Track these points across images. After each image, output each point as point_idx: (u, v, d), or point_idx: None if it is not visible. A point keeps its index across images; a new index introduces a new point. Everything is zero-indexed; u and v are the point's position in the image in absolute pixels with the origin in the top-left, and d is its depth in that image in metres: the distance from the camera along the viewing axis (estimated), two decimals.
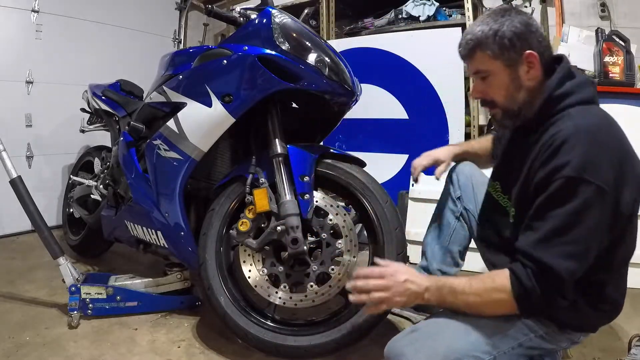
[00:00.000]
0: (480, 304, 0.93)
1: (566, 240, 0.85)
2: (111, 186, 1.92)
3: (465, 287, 0.95)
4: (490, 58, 0.97)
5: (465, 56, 1.03)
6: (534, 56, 0.95)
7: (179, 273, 1.66)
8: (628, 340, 1.24)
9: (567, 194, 0.85)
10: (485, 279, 0.94)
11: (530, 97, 0.98)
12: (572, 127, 0.88)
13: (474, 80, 1.05)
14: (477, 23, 1.00)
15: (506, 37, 0.94)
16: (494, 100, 1.01)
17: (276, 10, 1.37)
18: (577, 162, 0.84)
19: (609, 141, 0.88)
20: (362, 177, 1.35)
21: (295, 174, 1.32)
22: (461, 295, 0.94)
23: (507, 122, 1.04)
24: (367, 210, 1.32)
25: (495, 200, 1.13)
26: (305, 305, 1.30)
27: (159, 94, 1.54)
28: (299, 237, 1.24)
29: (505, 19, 0.96)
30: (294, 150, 1.35)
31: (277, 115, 1.39)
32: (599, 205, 0.85)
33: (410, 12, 2.67)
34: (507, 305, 0.91)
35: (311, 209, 1.30)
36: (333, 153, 1.41)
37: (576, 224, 0.85)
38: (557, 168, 0.86)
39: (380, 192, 1.33)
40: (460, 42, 1.03)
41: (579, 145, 0.85)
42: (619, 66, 2.19)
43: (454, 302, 0.96)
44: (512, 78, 0.97)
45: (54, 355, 1.34)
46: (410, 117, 2.53)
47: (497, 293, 0.92)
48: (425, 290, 0.98)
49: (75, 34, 2.99)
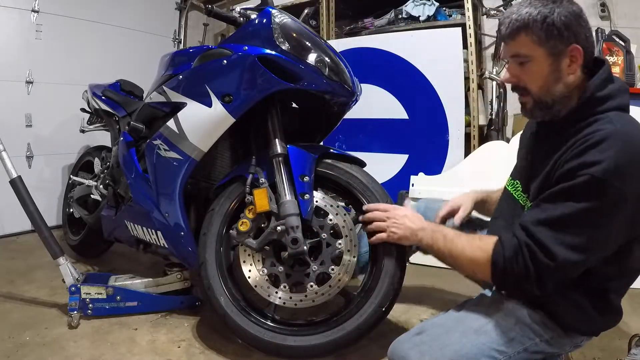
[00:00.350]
0: (461, 257, 0.99)
1: (571, 232, 0.84)
2: (111, 186, 1.92)
3: (455, 237, 1.01)
4: (535, 43, 0.91)
5: (506, 36, 0.95)
6: (579, 51, 0.90)
7: (179, 273, 1.66)
8: (628, 340, 1.24)
9: (587, 192, 0.82)
10: (475, 237, 1.01)
11: (568, 92, 0.93)
12: (612, 129, 0.84)
13: (509, 63, 0.98)
14: (523, 4, 0.93)
15: (556, 25, 0.88)
16: (527, 87, 0.95)
17: (276, 10, 1.37)
18: (608, 164, 0.81)
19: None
20: (362, 177, 1.35)
21: (295, 174, 1.31)
22: (450, 242, 1.01)
23: (537, 113, 0.98)
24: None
25: (515, 198, 1.08)
26: (305, 305, 1.30)
27: (159, 94, 1.54)
28: (299, 237, 1.24)
29: (557, 5, 0.90)
30: (294, 150, 1.35)
31: (277, 115, 1.39)
32: (616, 212, 0.83)
33: (410, 12, 2.67)
34: (483, 267, 0.94)
35: (311, 209, 1.30)
36: (333, 153, 1.41)
37: (586, 222, 0.83)
38: (586, 164, 0.83)
39: (380, 192, 1.33)
40: (503, 20, 0.95)
41: (615, 149, 0.82)
42: (619, 66, 2.19)
43: (442, 248, 1.03)
44: (553, 69, 0.92)
45: (54, 355, 1.34)
46: (410, 117, 2.53)
47: (478, 251, 0.95)
48: (420, 229, 1.08)
49: (75, 34, 2.99)
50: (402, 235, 1.13)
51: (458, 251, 0.99)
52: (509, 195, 1.12)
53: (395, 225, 1.14)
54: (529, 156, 1.07)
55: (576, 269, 0.86)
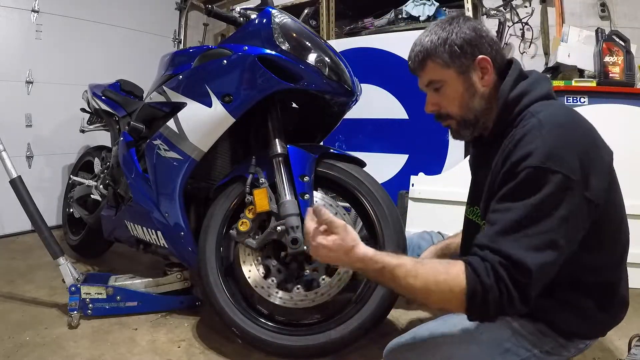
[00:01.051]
0: (427, 294, 0.82)
1: (532, 232, 0.77)
2: (111, 186, 1.92)
3: (409, 274, 0.81)
4: (442, 67, 0.94)
5: (415, 69, 1.00)
6: (487, 61, 0.93)
7: (179, 273, 1.66)
8: (628, 340, 1.24)
9: (532, 185, 0.78)
10: (437, 268, 0.82)
11: (487, 104, 0.95)
12: (534, 121, 0.84)
13: (427, 93, 1.01)
14: (425, 34, 0.97)
15: (456, 44, 0.92)
16: (448, 112, 0.98)
17: (276, 10, 1.37)
18: (541, 151, 0.79)
19: (572, 130, 0.83)
20: (362, 177, 1.35)
21: (295, 174, 1.31)
22: (403, 281, 0.82)
23: (464, 132, 0.99)
24: (367, 210, 1.32)
25: (478, 224, 1.04)
26: (305, 305, 1.30)
27: (159, 94, 1.54)
28: (298, 237, 1.24)
29: (454, 27, 0.94)
30: (293, 150, 1.35)
31: (277, 115, 1.39)
32: (567, 195, 0.78)
33: (410, 12, 2.67)
34: (455, 302, 0.79)
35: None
36: (333, 153, 1.41)
37: (543, 216, 0.77)
38: (520, 160, 0.80)
39: (380, 192, 1.33)
40: (410, 55, 0.99)
41: (541, 136, 0.80)
42: (619, 66, 2.19)
43: (394, 288, 0.85)
44: (467, 86, 0.94)
45: (54, 355, 1.34)
46: (410, 117, 2.53)
47: (449, 287, 0.79)
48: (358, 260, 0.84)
49: (75, 34, 3.00)
50: (331, 258, 0.88)
51: (419, 289, 0.82)
52: (470, 222, 1.09)
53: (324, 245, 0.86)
54: (476, 180, 1.06)
55: (553, 269, 0.80)
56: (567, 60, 2.32)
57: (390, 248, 1.27)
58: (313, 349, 1.25)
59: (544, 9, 2.71)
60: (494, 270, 0.76)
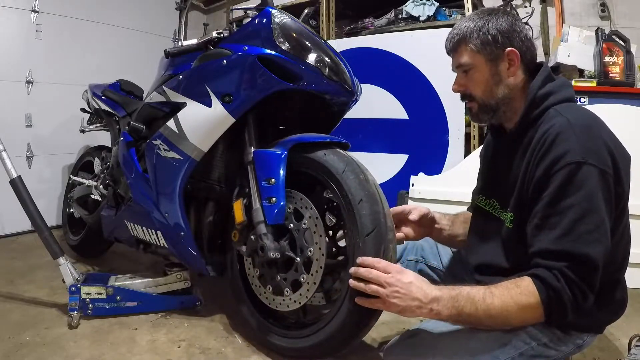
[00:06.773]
0: (507, 313, 0.86)
1: (590, 228, 0.84)
2: (111, 186, 1.92)
3: (486, 294, 0.86)
4: (473, 52, 1.01)
5: (450, 50, 1.07)
6: (515, 54, 0.99)
7: (179, 273, 1.66)
8: (628, 340, 1.24)
9: (576, 181, 0.85)
10: (508, 285, 0.87)
11: (510, 94, 1.01)
12: (563, 120, 0.90)
13: (456, 74, 1.08)
14: (464, 19, 1.04)
15: (489, 33, 0.99)
16: (473, 94, 1.04)
17: (276, 10, 1.37)
18: (577, 149, 0.85)
19: (599, 130, 0.90)
20: (333, 167, 1.23)
21: (260, 179, 1.27)
22: (482, 304, 0.86)
23: (483, 116, 1.06)
24: (341, 208, 1.20)
25: (494, 216, 1.06)
26: (282, 309, 1.29)
27: (159, 94, 1.54)
28: (265, 245, 1.21)
29: (492, 17, 1.00)
30: (257, 153, 1.30)
31: (255, 123, 1.37)
32: (605, 187, 0.86)
33: (410, 12, 2.67)
34: (536, 311, 0.85)
35: (278, 212, 1.22)
36: (308, 142, 1.29)
37: (592, 209, 0.85)
38: (558, 158, 0.87)
39: (354, 179, 1.20)
40: (447, 37, 1.07)
41: (575, 135, 0.87)
42: (619, 66, 2.19)
43: (473, 314, 0.87)
44: (493, 73, 1.01)
45: (54, 355, 1.34)
46: (410, 117, 2.53)
47: (525, 298, 0.84)
48: (433, 301, 0.88)
49: (75, 34, 2.99)
50: (405, 307, 0.91)
51: (500, 310, 0.86)
52: (484, 213, 1.11)
53: (398, 295, 0.91)
54: (495, 172, 1.10)
55: (607, 256, 0.86)
56: (567, 60, 2.33)
57: (360, 239, 1.12)
58: (312, 348, 1.24)
59: (544, 8, 2.71)
60: (562, 273, 0.83)
